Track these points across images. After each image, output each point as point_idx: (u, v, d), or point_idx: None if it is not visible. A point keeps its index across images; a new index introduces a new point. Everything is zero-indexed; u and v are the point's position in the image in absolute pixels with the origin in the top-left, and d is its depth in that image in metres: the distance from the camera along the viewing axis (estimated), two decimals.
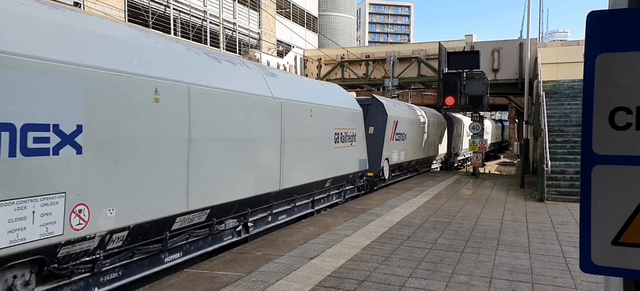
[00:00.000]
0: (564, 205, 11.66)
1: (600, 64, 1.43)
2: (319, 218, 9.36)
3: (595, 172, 1.45)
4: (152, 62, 5.63)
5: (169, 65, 5.95)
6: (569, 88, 18.21)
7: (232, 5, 29.96)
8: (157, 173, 5.56)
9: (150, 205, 5.50)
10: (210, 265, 6.07)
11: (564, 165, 13.75)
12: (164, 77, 5.73)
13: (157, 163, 5.58)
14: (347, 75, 27.88)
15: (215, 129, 6.78)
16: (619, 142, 1.42)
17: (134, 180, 5.25)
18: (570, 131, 15.31)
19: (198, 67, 6.64)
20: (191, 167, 6.20)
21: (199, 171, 6.38)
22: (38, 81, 4.21)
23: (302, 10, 41.37)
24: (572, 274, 5.96)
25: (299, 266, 6.02)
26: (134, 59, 5.37)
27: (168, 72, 5.84)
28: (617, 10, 1.45)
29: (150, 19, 22.99)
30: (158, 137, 5.58)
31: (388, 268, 6.03)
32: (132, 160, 5.21)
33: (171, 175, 5.81)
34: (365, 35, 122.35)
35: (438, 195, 13.26)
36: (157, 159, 5.58)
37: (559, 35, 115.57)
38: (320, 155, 10.29)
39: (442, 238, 7.82)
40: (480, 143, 19.46)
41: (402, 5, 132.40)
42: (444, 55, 19.29)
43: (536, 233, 8.33)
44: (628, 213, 1.42)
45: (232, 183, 7.16)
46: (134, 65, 5.31)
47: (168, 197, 5.78)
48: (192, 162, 6.21)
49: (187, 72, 6.27)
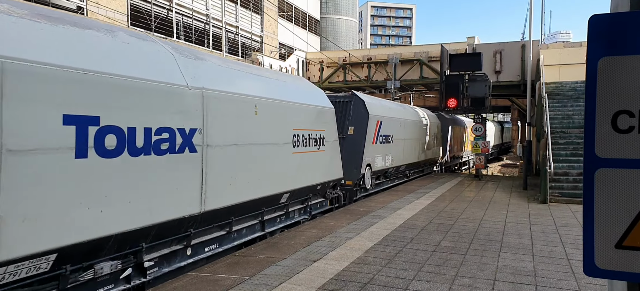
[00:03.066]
0: (567, 207, 11.62)
1: (603, 67, 1.43)
2: (321, 221, 9.35)
3: (598, 176, 1.45)
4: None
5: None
6: (571, 89, 18.18)
7: (235, 9, 30.03)
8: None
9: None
10: (213, 269, 6.08)
11: (567, 166, 13.72)
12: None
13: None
14: (349, 77, 27.90)
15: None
16: (621, 146, 1.42)
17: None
18: (573, 133, 15.27)
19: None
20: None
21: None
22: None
23: (304, 13, 41.43)
24: (576, 277, 5.93)
25: (302, 269, 6.02)
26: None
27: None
28: (619, 13, 1.46)
29: (153, 23, 23.06)
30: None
31: (391, 271, 6.02)
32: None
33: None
34: (367, 37, 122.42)
35: (441, 197, 13.24)
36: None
37: (562, 36, 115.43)
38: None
39: (445, 240, 7.81)
40: (482, 145, 19.44)
41: (404, 7, 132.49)
42: (446, 57, 19.28)
43: (539, 235, 8.31)
44: (631, 217, 1.42)
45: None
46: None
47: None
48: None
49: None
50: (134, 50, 5.63)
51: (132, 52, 5.58)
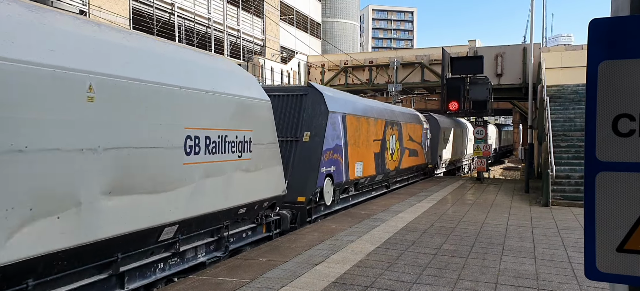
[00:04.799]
0: (569, 210, 11.60)
1: (603, 71, 1.44)
2: (323, 224, 9.35)
3: (599, 179, 1.45)
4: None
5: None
6: (573, 92, 18.16)
7: (236, 13, 30.11)
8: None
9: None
10: (215, 272, 6.08)
11: (568, 169, 13.70)
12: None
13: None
14: (351, 80, 27.95)
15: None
16: (622, 149, 1.42)
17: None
18: (575, 136, 15.25)
19: None
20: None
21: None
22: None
23: (305, 17, 41.52)
24: (578, 280, 5.92)
25: (304, 273, 6.02)
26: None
27: None
28: (620, 17, 1.46)
29: (155, 26, 23.13)
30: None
31: (393, 274, 6.02)
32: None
33: None
34: (368, 41, 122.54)
35: (443, 200, 13.23)
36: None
37: (563, 39, 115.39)
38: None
39: (447, 243, 7.80)
40: (484, 148, 19.45)
41: (405, 10, 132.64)
42: (448, 61, 19.29)
43: (541, 239, 8.29)
44: (633, 220, 1.42)
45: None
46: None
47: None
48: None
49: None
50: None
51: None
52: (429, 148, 21.60)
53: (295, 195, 10.00)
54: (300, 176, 10.32)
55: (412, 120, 18.99)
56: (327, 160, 10.92)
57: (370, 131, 13.83)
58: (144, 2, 23.04)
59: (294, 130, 10.86)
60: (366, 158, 13.46)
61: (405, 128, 17.66)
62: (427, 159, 21.15)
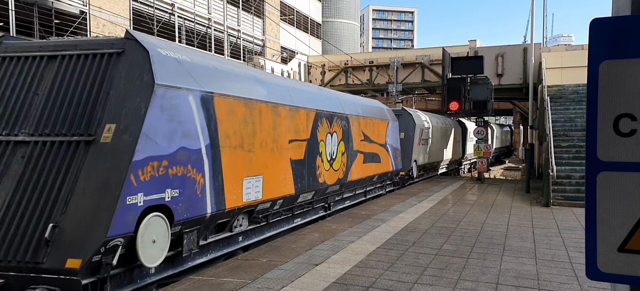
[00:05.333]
0: (570, 210, 11.60)
1: (604, 71, 1.44)
2: (323, 225, 9.35)
3: (600, 179, 1.45)
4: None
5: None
6: (573, 92, 18.15)
7: (237, 13, 30.11)
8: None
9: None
10: (215, 272, 6.08)
11: (569, 169, 13.69)
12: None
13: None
14: (351, 81, 27.94)
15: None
16: (624, 149, 1.42)
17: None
18: (576, 136, 15.24)
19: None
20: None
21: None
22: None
23: (305, 17, 41.52)
24: (579, 280, 5.92)
25: (304, 273, 6.02)
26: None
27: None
28: (621, 17, 1.46)
29: (155, 27, 23.14)
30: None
31: (394, 275, 6.01)
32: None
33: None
34: (368, 41, 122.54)
35: (443, 200, 13.23)
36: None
37: (564, 39, 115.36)
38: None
39: (447, 243, 7.79)
40: (485, 148, 19.45)
41: (406, 11, 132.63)
42: (448, 61, 19.30)
43: (542, 239, 8.29)
44: (634, 220, 1.42)
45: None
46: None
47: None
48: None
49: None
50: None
51: None
52: (399, 151, 16.62)
53: (62, 255, 4.79)
54: (81, 213, 5.01)
55: (370, 114, 13.91)
56: (152, 178, 5.49)
57: (280, 126, 8.56)
58: (144, 2, 23.06)
59: (81, 122, 5.58)
60: (272, 169, 8.23)
61: (356, 124, 12.60)
62: (394, 165, 15.83)
